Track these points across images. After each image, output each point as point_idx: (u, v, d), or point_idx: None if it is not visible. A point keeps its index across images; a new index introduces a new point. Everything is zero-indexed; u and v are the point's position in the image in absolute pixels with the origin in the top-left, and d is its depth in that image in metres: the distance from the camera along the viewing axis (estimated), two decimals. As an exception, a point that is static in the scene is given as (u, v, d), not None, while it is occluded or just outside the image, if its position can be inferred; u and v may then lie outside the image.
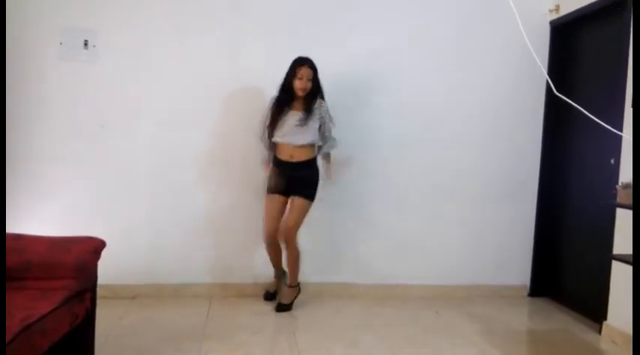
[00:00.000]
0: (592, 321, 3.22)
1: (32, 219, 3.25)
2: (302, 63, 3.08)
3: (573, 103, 2.36)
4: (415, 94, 3.62)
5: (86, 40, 3.32)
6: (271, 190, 3.25)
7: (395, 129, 3.62)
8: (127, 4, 3.35)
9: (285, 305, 3.29)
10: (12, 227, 2.93)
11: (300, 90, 3.09)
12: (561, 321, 3.35)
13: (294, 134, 3.12)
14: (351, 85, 3.52)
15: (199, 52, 3.42)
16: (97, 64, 3.35)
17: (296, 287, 3.35)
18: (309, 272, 3.42)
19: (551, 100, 3.61)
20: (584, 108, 2.30)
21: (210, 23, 3.42)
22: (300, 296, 3.41)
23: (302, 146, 3.15)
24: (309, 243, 3.43)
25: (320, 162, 3.33)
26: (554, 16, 3.60)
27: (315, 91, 3.15)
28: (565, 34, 3.61)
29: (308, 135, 3.14)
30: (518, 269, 3.80)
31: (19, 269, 2.19)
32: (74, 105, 3.36)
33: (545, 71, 3.35)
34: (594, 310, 3.17)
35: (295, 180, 3.19)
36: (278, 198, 3.23)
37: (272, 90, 3.24)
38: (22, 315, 1.86)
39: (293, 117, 3.13)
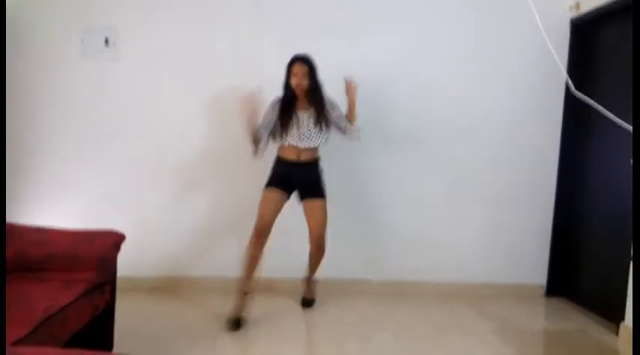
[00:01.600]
0: (609, 322, 3.19)
1: (55, 212, 3.34)
2: (294, 59, 3.04)
3: (592, 102, 2.33)
4: (432, 92, 3.61)
5: (107, 38, 3.39)
6: (273, 184, 3.13)
7: (411, 126, 3.62)
8: (146, 3, 3.40)
9: (313, 299, 3.37)
10: (35, 220, 3.01)
11: (296, 88, 3.02)
12: (577, 322, 3.32)
13: (308, 137, 3.08)
14: (367, 82, 3.51)
15: (216, 51, 3.46)
16: (117, 62, 3.41)
17: (315, 281, 3.41)
18: (322, 269, 3.43)
19: (570, 99, 3.57)
20: (604, 107, 2.27)
21: (228, 22, 3.45)
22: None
23: (308, 148, 3.12)
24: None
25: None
26: (575, 13, 3.56)
27: (315, 88, 3.06)
28: (585, 32, 3.56)
29: (319, 138, 3.11)
30: (535, 268, 3.78)
31: (42, 261, 2.26)
32: (95, 102, 3.43)
33: (564, 69, 3.31)
34: (611, 311, 3.14)
35: (304, 181, 3.15)
36: (278, 193, 3.11)
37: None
38: (45, 305, 1.92)
39: (303, 118, 3.09)
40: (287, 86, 3.08)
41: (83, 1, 3.37)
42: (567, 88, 3.51)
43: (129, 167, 3.48)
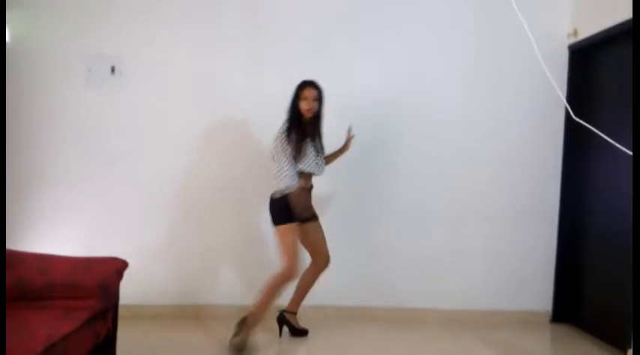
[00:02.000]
0: (616, 349, 3.14)
1: (58, 238, 3.34)
2: (306, 84, 3.02)
3: (592, 128, 2.36)
4: (434, 116, 3.64)
5: (113, 66, 3.45)
6: (294, 219, 3.00)
7: (414, 150, 3.64)
8: (151, 31, 3.47)
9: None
10: (39, 246, 3.01)
11: (307, 112, 2.99)
12: (584, 349, 3.27)
13: (320, 165, 3.08)
14: (368, 105, 3.56)
15: (221, 77, 3.51)
16: (122, 90, 3.46)
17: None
18: (326, 295, 3.41)
19: (570, 123, 3.59)
20: (604, 133, 2.29)
21: (232, 49, 3.51)
22: (317, 319, 3.41)
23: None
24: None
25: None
26: (573, 40, 3.61)
27: (320, 114, 3.07)
28: (584, 58, 3.61)
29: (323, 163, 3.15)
30: (540, 294, 3.74)
31: (44, 289, 2.25)
32: (100, 129, 3.47)
33: (563, 95, 3.34)
34: (618, 338, 3.10)
35: (310, 206, 3.17)
36: (296, 227, 3.04)
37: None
38: (46, 334, 1.91)
39: (315, 145, 3.06)
40: (294, 109, 3.01)
41: (90, 30, 3.44)
42: (567, 112, 3.54)
43: (133, 194, 3.50)
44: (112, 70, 3.45)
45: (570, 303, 3.70)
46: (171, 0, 3.48)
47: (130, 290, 2.68)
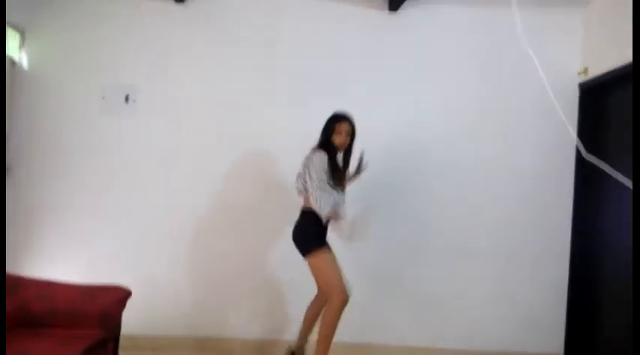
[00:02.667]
0: (632, 396, 3.02)
1: (64, 266, 3.33)
2: (340, 118, 3.02)
3: (602, 165, 2.34)
4: (444, 153, 3.63)
5: (127, 95, 3.50)
6: (324, 245, 2.95)
7: (422, 186, 3.62)
8: (164, 60, 3.53)
9: None
10: (44, 273, 3.00)
11: (340, 146, 2.98)
12: (598, 394, 3.15)
13: (342, 202, 2.99)
14: (377, 143, 3.57)
15: (234, 107, 3.55)
16: (135, 118, 3.51)
17: None
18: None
19: (581, 160, 3.56)
20: (615, 169, 2.27)
21: (246, 81, 3.55)
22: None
23: None
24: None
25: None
26: (584, 78, 3.62)
27: (351, 148, 3.06)
28: (594, 96, 3.61)
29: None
30: (551, 335, 3.63)
31: (46, 316, 2.23)
32: (111, 157, 3.50)
33: (574, 133, 3.33)
34: (634, 383, 2.98)
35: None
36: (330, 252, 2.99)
37: (302, 145, 3.27)
38: (45, 363, 1.87)
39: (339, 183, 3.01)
40: (328, 142, 2.97)
41: (105, 59, 3.51)
42: (578, 150, 3.52)
43: (140, 222, 3.49)
44: (126, 98, 3.51)
45: (582, 345, 3.58)
46: (186, 31, 3.55)
47: (131, 320, 2.65)
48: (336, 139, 2.96)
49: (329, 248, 2.99)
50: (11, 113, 3.41)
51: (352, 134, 3.03)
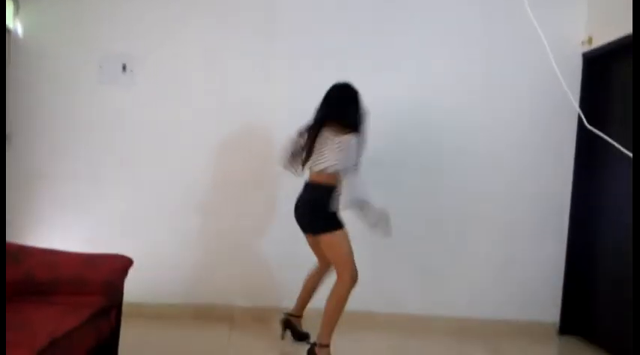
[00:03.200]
0: (625, 363, 3.09)
1: (64, 235, 3.35)
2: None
3: (605, 136, 2.32)
4: (444, 124, 3.62)
5: (124, 64, 3.46)
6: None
7: (422, 157, 3.61)
8: (162, 29, 3.48)
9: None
10: (46, 243, 3.01)
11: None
12: (592, 361, 3.23)
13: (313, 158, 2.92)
14: (382, 115, 3.54)
15: (231, 77, 3.51)
16: (133, 88, 3.47)
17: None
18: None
19: (582, 131, 3.55)
20: (617, 141, 2.26)
21: (244, 50, 3.51)
22: (319, 323, 3.40)
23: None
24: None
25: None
26: (587, 47, 3.57)
27: (354, 114, 2.95)
28: (598, 66, 3.57)
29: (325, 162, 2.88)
30: (548, 305, 3.69)
31: (50, 284, 2.26)
32: (110, 128, 3.48)
33: (576, 103, 3.30)
34: (627, 351, 3.04)
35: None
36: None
37: (302, 118, 3.26)
38: (50, 329, 1.90)
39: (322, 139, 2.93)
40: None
41: (102, 28, 3.45)
42: (580, 121, 3.50)
43: (140, 192, 3.50)
44: (124, 68, 3.46)
45: (578, 315, 3.64)
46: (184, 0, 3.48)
47: (134, 288, 2.67)
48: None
49: None
50: (9, 80, 3.37)
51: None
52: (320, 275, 3.14)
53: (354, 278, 2.85)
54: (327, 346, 2.82)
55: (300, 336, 3.20)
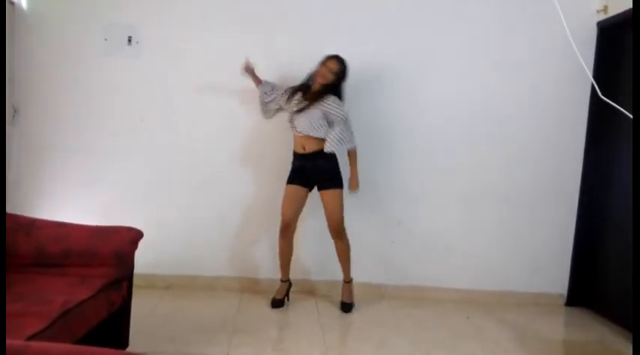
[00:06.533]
0: (630, 332, 3.10)
1: (74, 208, 3.38)
2: (332, 56, 3.13)
3: (618, 107, 2.28)
4: (454, 94, 3.57)
5: (130, 37, 3.42)
6: (291, 180, 3.24)
7: (431, 129, 3.58)
8: (169, 1, 3.42)
9: (351, 303, 3.32)
10: (56, 215, 3.04)
11: (319, 77, 3.11)
12: (598, 332, 3.24)
13: (296, 120, 3.16)
14: (386, 83, 3.50)
15: (238, 49, 3.46)
16: (139, 60, 3.44)
17: (351, 281, 3.36)
18: (337, 272, 3.41)
19: (595, 102, 3.49)
20: (630, 111, 2.21)
21: (248, 21, 3.46)
22: (328, 295, 3.43)
23: (309, 137, 3.14)
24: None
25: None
26: (602, 16, 3.48)
27: (332, 86, 3.13)
28: (613, 36, 3.48)
29: (307, 126, 3.12)
30: (555, 276, 3.70)
31: (61, 256, 2.28)
32: (116, 100, 3.46)
33: (590, 73, 3.23)
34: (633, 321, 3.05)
35: (317, 172, 3.19)
36: (297, 188, 3.22)
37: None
38: (62, 300, 1.93)
39: (298, 101, 3.18)
40: (311, 76, 3.18)
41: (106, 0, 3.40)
42: (593, 92, 3.44)
43: (148, 164, 3.51)
44: (129, 40, 3.42)
45: (585, 287, 3.65)
46: (189, -31, 3.42)
47: (145, 260, 2.71)
48: (320, 70, 3.11)
49: (309, 185, 3.27)
50: (14, 53, 3.35)
51: (340, 74, 3.11)
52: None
53: (279, 230, 3.26)
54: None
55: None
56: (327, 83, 3.11)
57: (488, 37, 3.55)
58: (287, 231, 3.25)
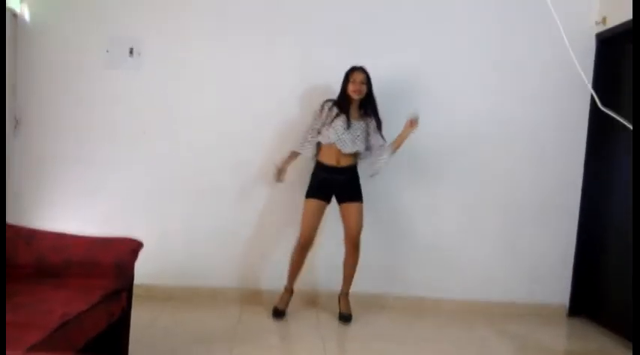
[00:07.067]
0: (632, 343, 3.08)
1: (73, 219, 3.37)
2: (354, 68, 3.19)
3: (618, 117, 2.29)
4: (455, 104, 3.58)
5: (131, 48, 3.44)
6: (313, 194, 3.24)
7: (433, 139, 3.58)
8: (171, 13, 3.45)
9: (351, 314, 3.32)
10: (55, 225, 3.05)
11: (354, 93, 3.14)
12: (600, 343, 3.22)
13: (353, 142, 3.17)
14: (390, 94, 3.51)
15: (239, 60, 3.49)
16: (140, 71, 3.46)
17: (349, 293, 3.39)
18: (338, 281, 3.40)
19: (595, 112, 3.50)
20: (630, 122, 2.22)
21: (251, 32, 3.48)
22: (329, 306, 3.42)
23: (348, 153, 3.20)
24: (339, 252, 3.36)
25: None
26: (601, 28, 3.50)
27: (371, 96, 3.21)
28: (612, 47, 3.50)
29: (358, 143, 3.19)
30: (557, 287, 3.68)
31: (61, 267, 2.28)
32: (117, 111, 3.48)
33: (589, 84, 3.25)
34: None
35: (344, 185, 3.23)
36: (319, 203, 3.23)
37: (307, 100, 3.30)
38: (62, 311, 1.93)
39: (354, 124, 3.18)
40: (342, 94, 3.20)
41: (109, 12, 3.43)
42: (592, 102, 3.45)
43: (149, 175, 3.51)
44: (131, 51, 3.45)
45: (587, 297, 3.64)
46: (191, -19, 3.45)
47: (145, 271, 2.70)
48: (350, 87, 3.15)
49: (330, 198, 3.31)
50: (17, 65, 3.37)
51: (367, 83, 3.17)
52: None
53: (298, 244, 3.27)
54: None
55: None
56: (362, 96, 3.17)
57: (486, 48, 3.56)
58: (307, 248, 3.26)
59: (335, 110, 3.18)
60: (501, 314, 3.58)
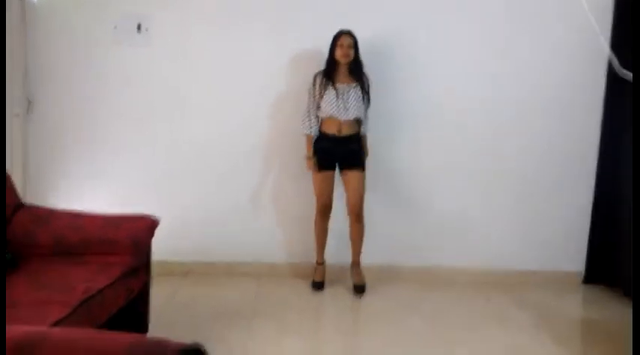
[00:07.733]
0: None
1: (89, 198, 3.40)
2: (341, 32, 3.15)
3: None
4: (469, 76, 3.51)
5: (139, 24, 3.41)
6: (320, 168, 3.25)
7: (445, 107, 3.53)
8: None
9: (364, 284, 3.33)
10: (71, 205, 3.09)
11: (342, 57, 3.13)
12: (616, 309, 3.21)
13: (346, 109, 3.16)
14: (403, 71, 3.46)
15: (248, 36, 3.44)
16: (149, 48, 3.43)
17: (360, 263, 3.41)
18: (348, 255, 3.41)
19: (612, 80, 3.41)
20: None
21: (259, 11, 3.42)
22: (344, 278, 3.45)
23: (348, 120, 3.19)
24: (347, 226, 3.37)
25: None
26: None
27: (359, 61, 3.19)
28: (631, 7, 3.38)
29: (353, 109, 3.17)
30: (573, 254, 3.66)
31: (80, 245, 2.32)
32: (128, 89, 3.46)
33: (607, 46, 3.16)
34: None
35: (345, 153, 3.22)
36: (327, 174, 3.25)
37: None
38: (84, 288, 1.97)
39: (344, 90, 3.17)
40: (330, 59, 3.18)
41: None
42: (609, 70, 3.36)
43: (162, 152, 3.51)
44: (139, 27, 3.42)
45: (603, 264, 3.62)
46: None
47: (163, 247, 2.73)
48: (338, 52, 3.14)
49: (335, 167, 3.32)
50: (27, 47, 3.36)
51: (355, 47, 3.15)
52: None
53: (317, 213, 3.34)
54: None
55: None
56: (351, 59, 3.16)
57: (497, 8, 3.47)
58: (327, 211, 3.32)
59: (325, 81, 3.18)
60: (518, 283, 3.57)
